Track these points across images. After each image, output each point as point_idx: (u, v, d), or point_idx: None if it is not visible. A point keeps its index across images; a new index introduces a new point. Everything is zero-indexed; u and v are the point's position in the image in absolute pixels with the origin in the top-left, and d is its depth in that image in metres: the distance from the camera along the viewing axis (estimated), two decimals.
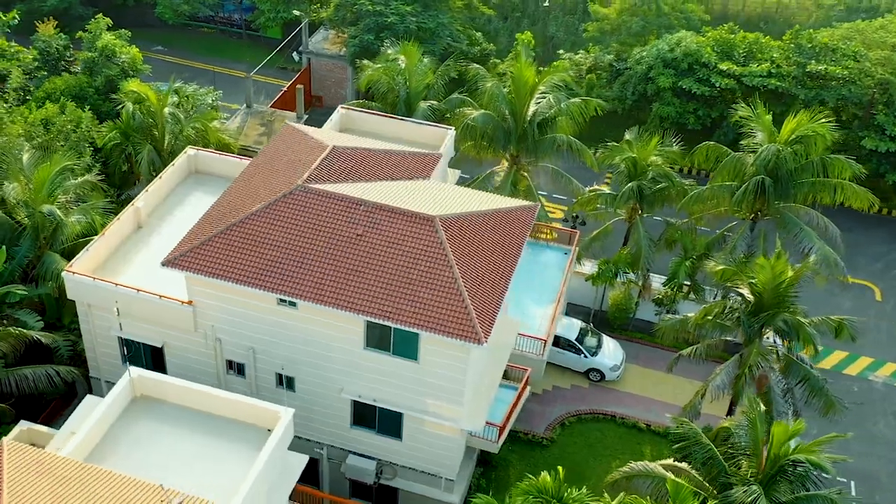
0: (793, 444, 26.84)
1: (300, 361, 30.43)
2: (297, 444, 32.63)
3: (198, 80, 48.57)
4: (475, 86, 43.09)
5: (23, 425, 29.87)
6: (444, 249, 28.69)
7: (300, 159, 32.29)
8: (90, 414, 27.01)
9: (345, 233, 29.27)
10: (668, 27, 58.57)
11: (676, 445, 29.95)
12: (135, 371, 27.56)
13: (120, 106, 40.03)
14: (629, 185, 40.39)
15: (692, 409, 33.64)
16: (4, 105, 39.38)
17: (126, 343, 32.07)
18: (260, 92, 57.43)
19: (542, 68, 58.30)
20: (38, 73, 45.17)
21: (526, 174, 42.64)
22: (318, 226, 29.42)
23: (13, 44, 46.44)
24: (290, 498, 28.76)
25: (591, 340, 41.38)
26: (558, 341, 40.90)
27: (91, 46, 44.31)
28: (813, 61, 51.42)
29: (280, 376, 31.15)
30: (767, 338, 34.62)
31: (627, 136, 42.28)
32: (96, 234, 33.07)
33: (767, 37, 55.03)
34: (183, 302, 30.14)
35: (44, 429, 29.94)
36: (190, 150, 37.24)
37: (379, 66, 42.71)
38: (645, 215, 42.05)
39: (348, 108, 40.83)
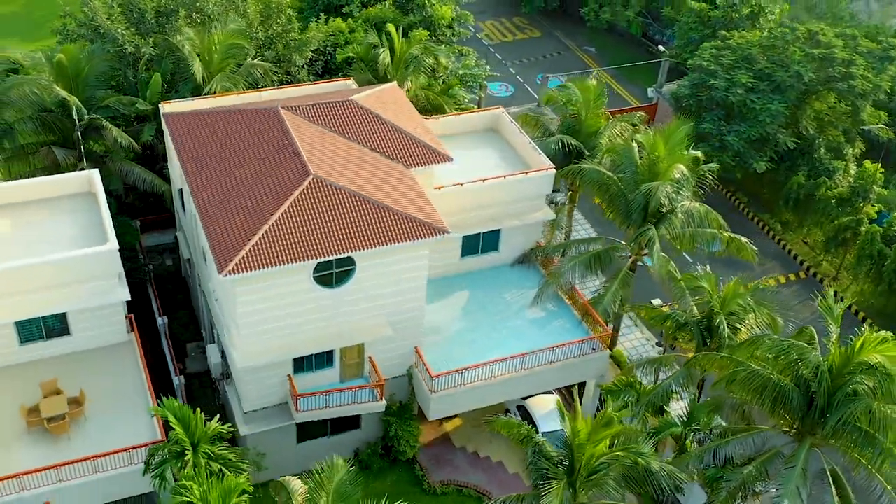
0: None
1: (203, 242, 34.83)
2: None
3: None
4: None
5: None
6: (287, 198, 30.26)
7: (332, 99, 35.62)
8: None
9: (259, 153, 32.51)
10: None
11: None
12: (94, 172, 35.47)
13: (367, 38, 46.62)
14: (671, 314, 33.97)
15: None
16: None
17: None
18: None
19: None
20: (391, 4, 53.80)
21: (636, 258, 37.96)
22: (252, 141, 33.18)
23: None
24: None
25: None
26: (532, 422, 37.08)
27: None
28: None
29: (203, 251, 35.97)
30: None
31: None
32: None
33: None
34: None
35: None
36: (352, 82, 42.44)
37: (567, 89, 41.75)
38: None
39: (503, 112, 41.30)
